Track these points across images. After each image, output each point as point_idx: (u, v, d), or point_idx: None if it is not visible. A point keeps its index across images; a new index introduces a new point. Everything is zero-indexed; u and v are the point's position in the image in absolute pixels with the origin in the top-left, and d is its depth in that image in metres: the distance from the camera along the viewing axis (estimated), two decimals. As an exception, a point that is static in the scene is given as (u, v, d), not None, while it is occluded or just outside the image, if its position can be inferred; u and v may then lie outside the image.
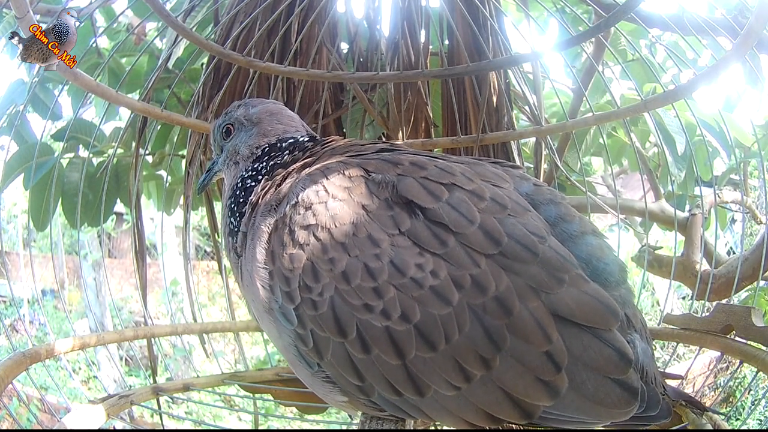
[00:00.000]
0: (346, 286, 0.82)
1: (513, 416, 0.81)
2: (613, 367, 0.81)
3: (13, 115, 2.20)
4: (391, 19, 1.82)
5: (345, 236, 0.84)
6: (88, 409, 1.09)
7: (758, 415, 4.08)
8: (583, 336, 0.81)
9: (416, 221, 0.85)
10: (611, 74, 2.59)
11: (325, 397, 0.94)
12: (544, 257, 0.83)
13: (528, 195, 0.94)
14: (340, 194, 0.88)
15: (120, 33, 2.44)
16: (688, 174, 2.20)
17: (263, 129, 1.13)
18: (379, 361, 0.82)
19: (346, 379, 0.86)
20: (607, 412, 0.81)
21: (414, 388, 0.82)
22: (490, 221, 0.84)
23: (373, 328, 0.81)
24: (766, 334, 1.03)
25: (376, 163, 0.93)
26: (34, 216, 2.06)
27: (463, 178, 0.90)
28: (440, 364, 0.80)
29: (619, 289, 0.91)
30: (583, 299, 0.83)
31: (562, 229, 0.92)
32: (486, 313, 0.79)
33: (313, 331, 0.85)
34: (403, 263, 0.82)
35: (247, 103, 1.18)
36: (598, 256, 0.91)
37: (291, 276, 0.86)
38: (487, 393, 0.80)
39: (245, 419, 4.65)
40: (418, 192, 0.87)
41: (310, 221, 0.86)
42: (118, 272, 8.02)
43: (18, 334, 5.63)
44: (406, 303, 0.80)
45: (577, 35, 1.38)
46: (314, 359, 0.88)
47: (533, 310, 0.80)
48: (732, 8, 2.08)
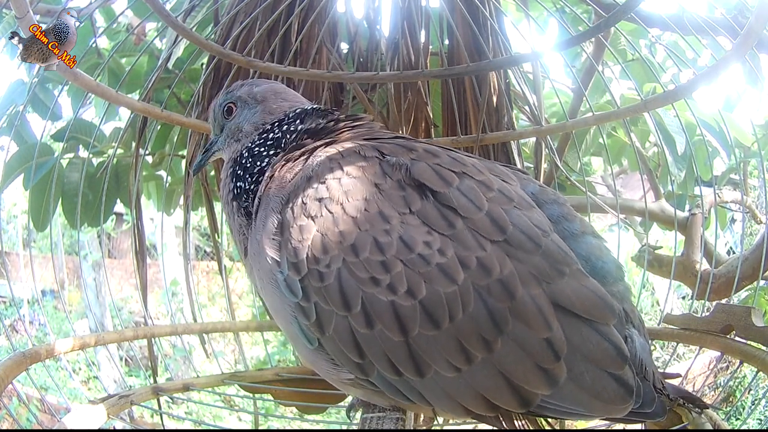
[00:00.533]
0: (354, 258, 0.83)
1: (511, 403, 0.81)
2: (610, 361, 0.82)
3: (13, 115, 2.20)
4: (391, 19, 1.82)
5: (356, 211, 0.85)
6: (88, 409, 1.09)
7: (758, 415, 4.08)
8: (582, 327, 0.83)
9: (426, 203, 0.87)
10: (611, 74, 2.59)
11: (326, 376, 0.94)
12: (547, 249, 0.85)
13: (533, 195, 0.96)
14: (354, 172, 0.90)
15: (120, 33, 2.43)
16: (688, 174, 2.20)
17: (268, 107, 1.11)
18: (381, 337, 0.82)
19: (346, 356, 0.85)
20: (604, 406, 0.82)
21: (414, 367, 0.82)
22: (496, 210, 0.87)
23: (378, 302, 0.81)
24: (766, 334, 1.03)
25: (391, 147, 0.95)
26: (34, 216, 2.06)
27: (473, 168, 0.92)
28: (443, 343, 0.80)
29: (617, 285, 0.93)
30: (582, 292, 0.84)
31: (564, 227, 0.94)
32: (490, 295, 0.80)
33: (317, 304, 0.85)
34: (411, 240, 0.83)
35: (251, 82, 1.17)
36: (597, 255, 0.93)
37: (300, 247, 0.86)
38: (487, 377, 0.80)
39: (245, 419, 4.65)
40: (430, 176, 0.89)
41: (323, 195, 0.88)
42: (118, 272, 8.02)
43: (18, 334, 5.63)
44: (413, 279, 0.81)
45: (577, 35, 1.38)
46: (315, 334, 0.87)
47: (535, 297, 0.81)
48: (732, 8, 2.08)
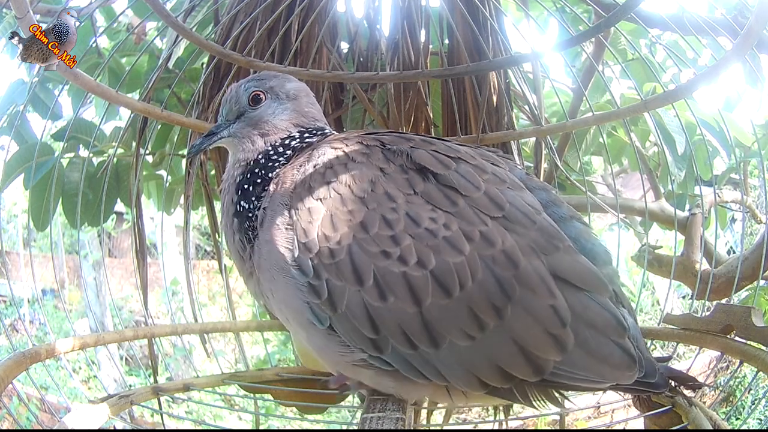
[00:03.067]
0: (364, 234, 0.86)
1: (526, 372, 0.84)
2: (612, 329, 0.86)
3: (13, 115, 2.20)
4: (391, 19, 1.81)
5: (363, 192, 0.89)
6: (88, 408, 1.09)
7: (758, 415, 4.08)
8: (581, 297, 0.86)
9: (429, 184, 0.91)
10: (611, 74, 2.59)
11: (337, 360, 0.94)
12: (541, 225, 0.90)
13: (522, 180, 1.00)
14: (359, 158, 0.93)
15: (120, 33, 2.44)
16: (688, 173, 2.20)
17: (301, 107, 1.08)
18: (395, 309, 0.83)
19: (359, 332, 0.86)
20: (612, 372, 0.85)
21: (429, 338, 0.84)
22: (493, 190, 0.91)
23: (391, 273, 0.84)
24: (766, 334, 1.03)
25: (391, 138, 1.00)
26: (34, 216, 2.06)
27: (467, 154, 0.98)
28: (455, 311, 0.83)
29: (605, 267, 0.96)
30: (576, 266, 0.88)
31: (553, 211, 0.98)
32: (495, 264, 0.84)
33: (329, 281, 0.86)
34: (417, 216, 0.87)
35: (283, 76, 1.12)
36: (586, 238, 0.98)
37: (309, 227, 0.88)
38: (500, 345, 0.83)
39: (245, 419, 4.65)
40: (430, 160, 0.93)
41: (330, 178, 0.91)
42: (119, 272, 8.03)
43: (18, 334, 5.63)
44: (422, 250, 0.84)
45: (577, 35, 1.38)
46: (327, 312, 0.88)
47: (536, 267, 0.85)
48: (732, 8, 2.08)
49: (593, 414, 3.95)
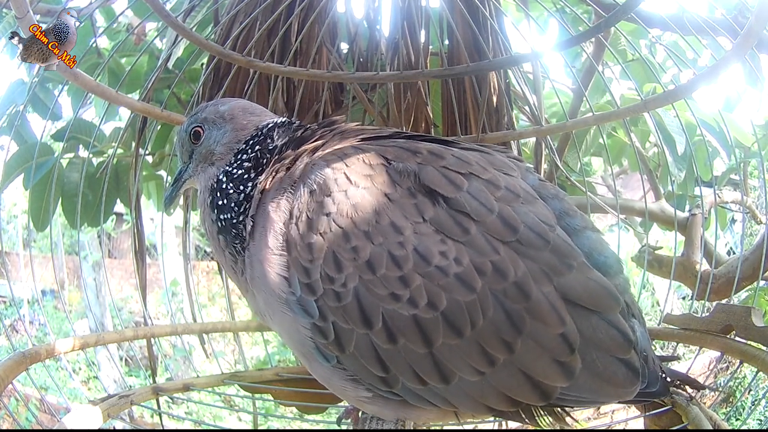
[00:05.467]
0: (371, 275, 0.82)
1: (532, 398, 0.83)
2: (618, 347, 0.85)
3: (13, 115, 2.20)
4: (391, 19, 1.81)
5: (367, 224, 0.83)
6: (88, 409, 1.09)
7: (758, 415, 4.08)
8: (591, 318, 0.85)
9: (439, 209, 0.85)
10: (611, 74, 2.59)
11: (342, 394, 0.93)
12: (555, 244, 0.86)
13: (534, 188, 0.96)
14: (362, 182, 0.86)
15: (120, 33, 2.44)
16: (688, 174, 2.20)
17: (238, 124, 1.05)
18: (405, 350, 0.82)
19: (368, 371, 0.84)
20: (615, 390, 0.85)
21: (440, 376, 0.82)
22: (506, 210, 0.86)
23: (400, 317, 0.81)
24: (766, 334, 1.03)
25: (395, 151, 0.92)
26: (34, 216, 2.06)
27: (478, 167, 0.91)
28: (466, 350, 0.81)
29: (617, 278, 0.94)
30: (589, 284, 0.86)
31: (566, 222, 0.95)
32: (507, 298, 0.81)
33: (335, 323, 0.83)
34: (427, 251, 0.82)
35: (215, 102, 1.12)
36: (599, 250, 0.95)
37: (311, 267, 0.84)
38: (509, 376, 0.82)
39: (245, 419, 4.65)
40: (440, 181, 0.87)
41: (330, 209, 0.84)
42: (118, 272, 8.03)
43: (18, 334, 5.63)
44: (433, 291, 0.81)
45: (577, 35, 1.38)
46: (333, 352, 0.86)
47: (547, 294, 0.83)
48: (732, 8, 2.07)
49: (593, 414, 3.95)
